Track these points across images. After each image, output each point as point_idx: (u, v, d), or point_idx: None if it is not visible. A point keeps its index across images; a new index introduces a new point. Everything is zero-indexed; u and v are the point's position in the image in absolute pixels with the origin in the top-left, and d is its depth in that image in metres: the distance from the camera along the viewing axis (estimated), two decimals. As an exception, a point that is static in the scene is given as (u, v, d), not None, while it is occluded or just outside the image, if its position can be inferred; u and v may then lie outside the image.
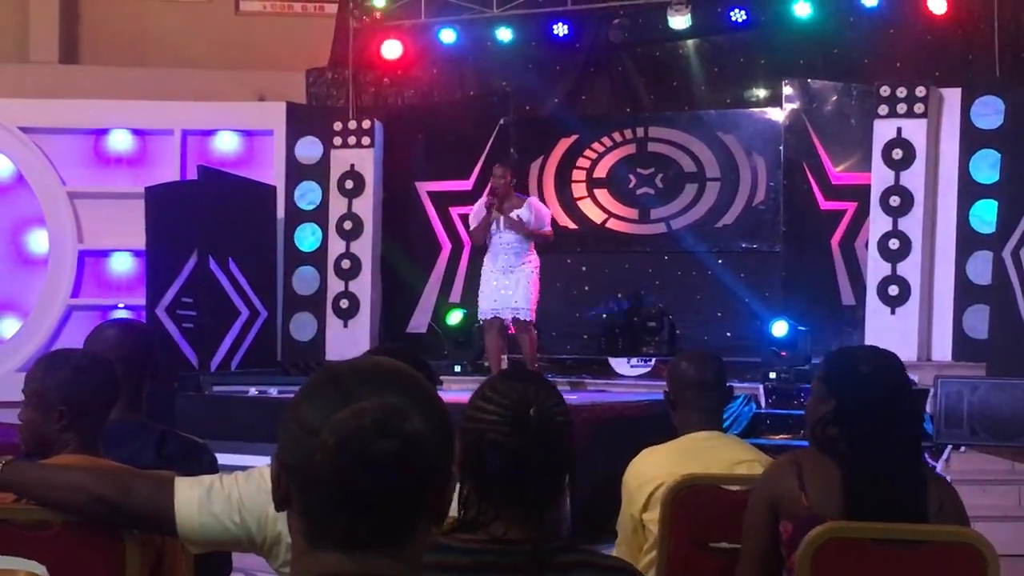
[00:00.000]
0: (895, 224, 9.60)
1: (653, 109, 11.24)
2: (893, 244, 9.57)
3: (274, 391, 9.25)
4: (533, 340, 8.85)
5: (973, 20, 9.99)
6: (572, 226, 10.96)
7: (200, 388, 9.32)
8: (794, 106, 10.57)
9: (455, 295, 11.16)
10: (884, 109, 9.68)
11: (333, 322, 10.96)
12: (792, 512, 2.87)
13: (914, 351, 9.28)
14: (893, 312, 9.52)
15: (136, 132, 11.33)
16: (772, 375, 9.30)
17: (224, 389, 9.49)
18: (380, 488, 1.32)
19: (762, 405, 9.17)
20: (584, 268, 11.12)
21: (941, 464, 7.90)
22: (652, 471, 3.47)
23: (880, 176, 9.67)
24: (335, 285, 10.98)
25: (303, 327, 11.06)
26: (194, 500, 2.33)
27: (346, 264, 10.96)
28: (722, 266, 10.69)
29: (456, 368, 9.98)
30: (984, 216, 9.41)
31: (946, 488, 2.88)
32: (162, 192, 10.02)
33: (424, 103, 11.66)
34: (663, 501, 3.27)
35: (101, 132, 11.33)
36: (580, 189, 11.20)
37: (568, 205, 11.12)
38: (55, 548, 2.40)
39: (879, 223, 9.64)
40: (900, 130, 9.64)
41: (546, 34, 11.09)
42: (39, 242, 11.19)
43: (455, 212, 11.23)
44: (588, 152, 11.21)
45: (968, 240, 9.49)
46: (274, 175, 11.17)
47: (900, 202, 9.59)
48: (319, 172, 11.12)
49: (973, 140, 9.55)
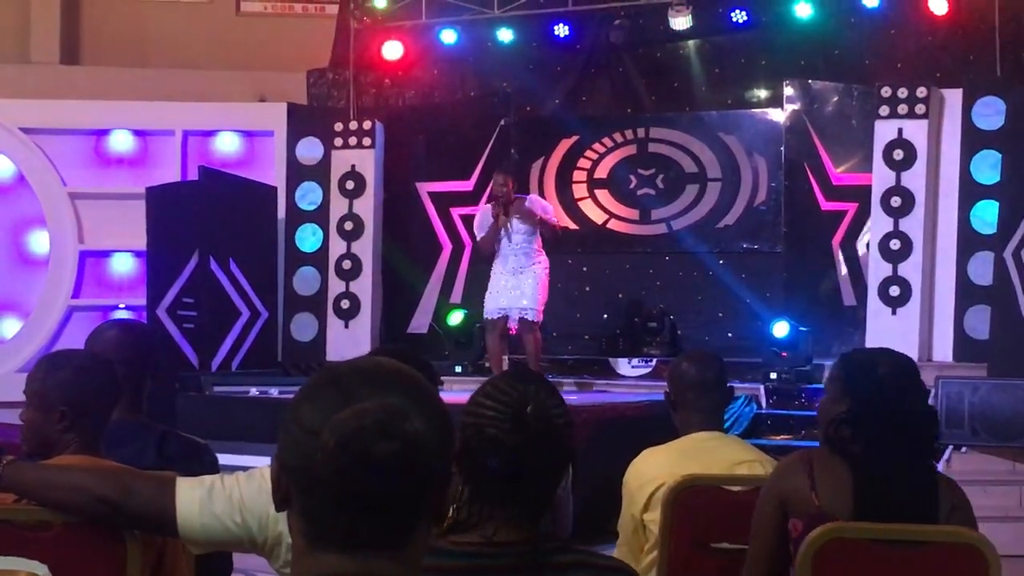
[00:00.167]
0: (896, 225, 9.59)
1: (654, 110, 11.22)
2: (894, 245, 9.56)
3: (275, 391, 9.27)
4: (538, 341, 8.81)
5: (974, 21, 9.98)
6: (573, 227, 10.94)
7: (201, 388, 9.33)
8: (795, 107, 10.57)
9: (456, 296, 11.16)
10: (885, 110, 9.67)
11: (334, 322, 10.96)
12: (802, 510, 2.87)
13: (915, 352, 9.25)
14: (894, 313, 9.52)
15: (137, 133, 11.32)
16: (773, 376, 9.30)
17: (225, 389, 9.49)
18: (381, 489, 1.32)
19: (763, 406, 9.17)
20: (585, 269, 11.11)
21: (942, 465, 7.89)
22: (653, 471, 3.47)
23: (881, 177, 9.67)
24: (336, 286, 10.98)
25: (304, 327, 11.05)
26: (195, 500, 2.33)
27: (347, 265, 10.95)
28: (723, 267, 10.68)
29: (457, 369, 9.98)
30: (985, 217, 9.41)
31: (956, 491, 2.88)
32: (163, 193, 10.02)
33: (425, 104, 11.65)
34: (664, 501, 3.27)
35: (102, 133, 11.32)
36: (581, 190, 11.19)
37: (569, 206, 11.11)
38: (56, 549, 2.40)
39: (880, 224, 9.64)
40: (901, 131, 9.63)
41: (547, 35, 11.08)
42: (40, 242, 11.18)
43: (456, 213, 11.22)
44: (589, 153, 11.20)
45: (969, 241, 9.49)
46: (275, 176, 11.16)
47: (901, 203, 9.58)
48: (320, 173, 11.11)
49: (974, 141, 9.54)
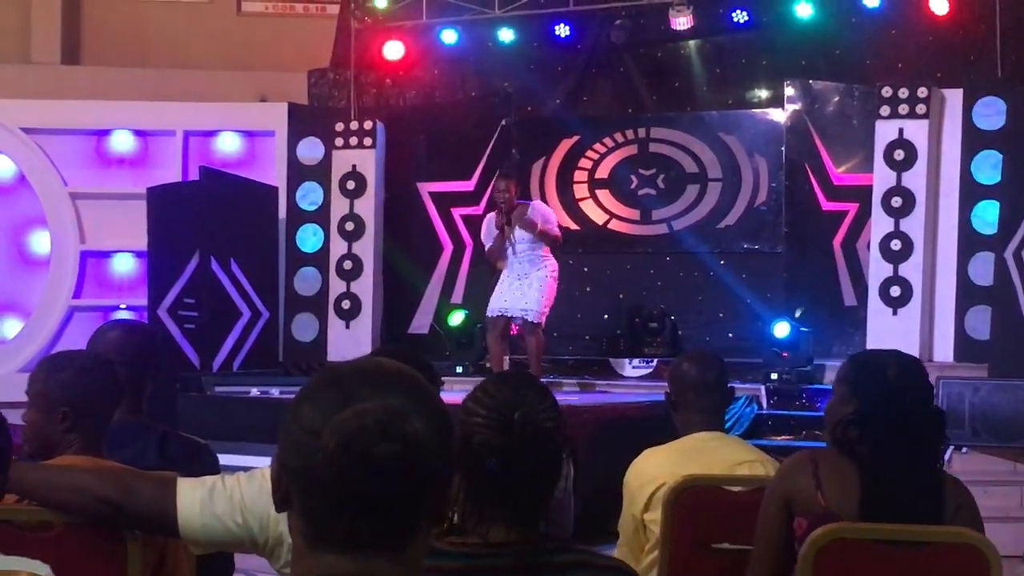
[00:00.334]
0: (897, 225, 9.59)
1: (655, 110, 11.22)
2: (895, 245, 9.56)
3: (276, 392, 9.26)
4: (540, 342, 8.76)
5: (975, 21, 9.98)
6: (574, 227, 10.94)
7: (202, 389, 9.33)
8: (796, 107, 10.56)
9: (457, 296, 11.15)
10: (886, 110, 9.67)
11: (335, 323, 10.95)
12: (807, 509, 2.87)
13: (915, 352, 9.22)
14: (895, 313, 9.51)
15: (138, 133, 11.32)
16: (774, 376, 9.28)
17: (226, 390, 9.49)
18: (381, 490, 1.32)
19: (764, 406, 9.16)
20: (586, 269, 11.10)
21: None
22: (653, 471, 3.47)
23: (882, 177, 9.66)
24: (337, 286, 10.97)
25: (305, 328, 11.05)
26: (196, 501, 2.33)
27: (348, 265, 10.95)
28: (724, 267, 10.68)
29: (458, 369, 9.96)
30: (986, 217, 9.41)
31: (962, 490, 2.89)
32: (164, 193, 10.02)
33: (426, 104, 11.65)
34: (664, 502, 3.27)
35: (103, 133, 11.32)
36: (582, 190, 11.19)
37: (570, 206, 11.10)
38: (57, 549, 2.39)
39: (881, 224, 9.64)
40: (902, 131, 9.63)
41: (548, 35, 11.08)
42: (41, 243, 11.19)
43: (457, 213, 11.22)
44: (590, 153, 11.19)
45: (970, 241, 9.49)
46: (276, 176, 11.16)
47: (902, 203, 9.58)
48: (321, 173, 11.10)
49: (975, 141, 9.54)
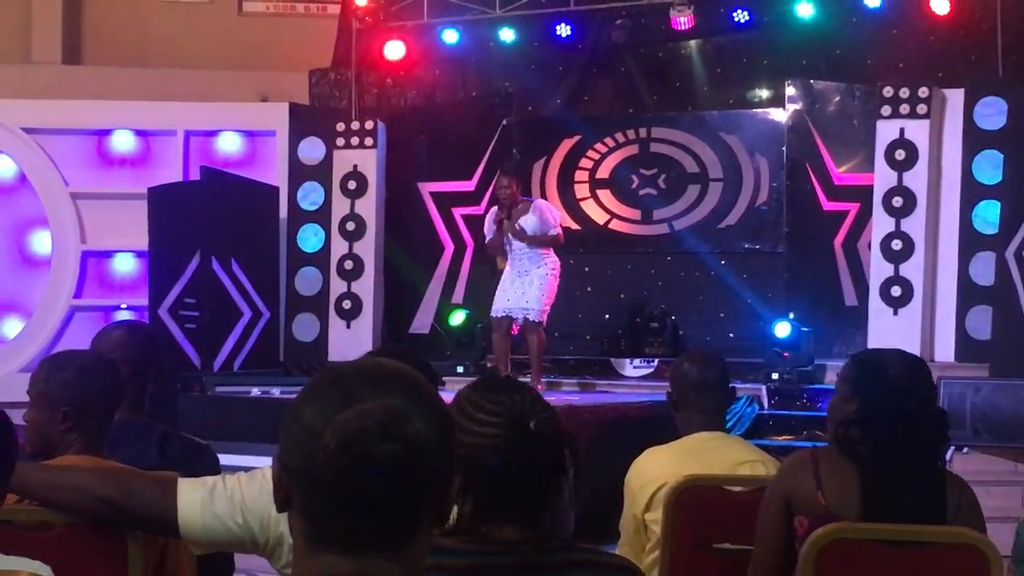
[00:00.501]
0: (898, 225, 9.58)
1: (656, 110, 11.22)
2: (896, 245, 9.55)
3: (277, 392, 9.26)
4: (541, 341, 8.78)
5: (976, 20, 9.98)
6: (575, 227, 10.93)
7: (203, 389, 9.32)
8: (797, 107, 10.56)
9: (458, 296, 11.15)
10: (887, 110, 9.66)
11: (336, 323, 10.95)
12: (807, 508, 2.86)
13: (917, 352, 9.17)
14: (896, 313, 9.51)
15: (139, 133, 11.32)
16: (775, 376, 9.29)
17: (227, 390, 9.49)
18: (382, 490, 1.32)
19: (765, 406, 9.16)
20: (587, 269, 11.10)
21: (944, 465, 7.89)
22: (655, 471, 3.47)
23: (883, 177, 9.66)
24: (338, 286, 10.97)
25: (306, 328, 11.05)
26: (197, 501, 2.33)
27: (349, 265, 10.95)
28: (725, 267, 10.67)
29: (459, 369, 9.96)
30: (987, 217, 9.40)
31: (964, 489, 2.88)
32: (165, 193, 10.01)
33: (427, 104, 11.65)
34: (666, 501, 3.27)
35: (104, 133, 11.32)
36: (583, 190, 11.19)
37: (571, 206, 11.10)
38: (58, 549, 2.40)
39: (882, 224, 9.63)
40: (903, 131, 9.62)
41: (549, 35, 11.07)
42: (42, 243, 11.19)
43: (458, 213, 11.22)
44: (591, 153, 11.19)
45: (971, 241, 9.48)
46: (277, 176, 11.15)
47: (903, 203, 9.57)
48: (322, 173, 11.10)
49: (976, 141, 9.53)
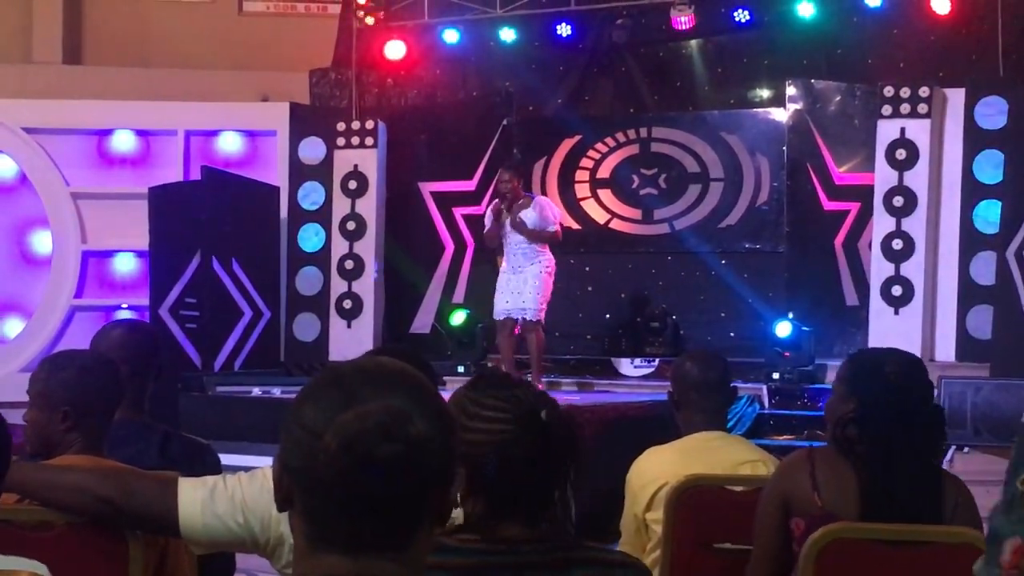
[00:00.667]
0: (899, 224, 9.58)
1: (656, 109, 11.22)
2: (897, 244, 9.56)
3: (277, 391, 9.26)
4: (540, 340, 8.76)
5: (977, 20, 9.98)
6: (575, 226, 10.94)
7: (203, 388, 9.32)
8: (797, 106, 10.55)
9: (458, 295, 11.15)
10: (887, 109, 9.66)
11: (336, 322, 10.95)
12: (804, 510, 2.86)
13: (917, 352, 9.09)
14: (897, 312, 9.51)
15: (139, 133, 11.33)
16: (776, 376, 9.29)
17: (227, 389, 9.50)
18: (383, 491, 1.32)
19: (766, 406, 9.16)
20: (587, 268, 11.10)
21: (944, 465, 7.88)
22: (656, 471, 3.47)
23: (884, 176, 9.66)
24: (338, 285, 10.97)
25: (306, 327, 11.05)
26: (197, 501, 2.33)
27: (349, 264, 10.95)
28: (726, 267, 10.67)
29: (459, 368, 9.95)
30: (988, 216, 9.40)
31: (961, 488, 2.88)
32: (165, 193, 10.02)
33: (427, 103, 11.65)
34: (667, 501, 3.27)
35: (104, 133, 11.33)
36: (583, 189, 11.19)
37: (571, 206, 11.10)
38: (58, 549, 2.39)
39: (883, 223, 9.63)
40: (904, 130, 9.62)
41: (549, 34, 11.08)
42: (43, 243, 11.19)
43: (458, 212, 11.22)
44: (591, 152, 11.19)
45: (972, 240, 9.48)
46: (277, 175, 11.16)
47: (904, 202, 9.58)
48: (322, 172, 11.11)
49: (977, 140, 9.54)
